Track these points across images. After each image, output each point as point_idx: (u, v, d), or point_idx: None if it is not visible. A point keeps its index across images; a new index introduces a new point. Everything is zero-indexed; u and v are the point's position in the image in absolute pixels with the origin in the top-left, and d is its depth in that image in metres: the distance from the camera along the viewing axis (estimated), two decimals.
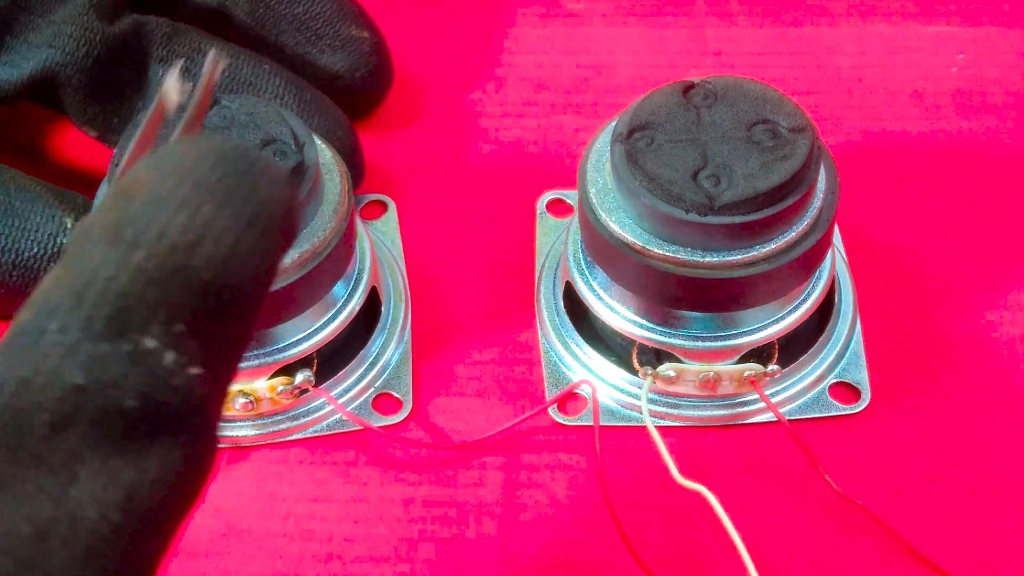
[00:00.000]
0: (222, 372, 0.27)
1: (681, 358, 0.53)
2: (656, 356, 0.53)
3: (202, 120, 0.36)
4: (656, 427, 0.51)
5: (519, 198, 0.62)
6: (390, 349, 0.56)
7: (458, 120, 0.65)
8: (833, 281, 0.56)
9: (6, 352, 0.26)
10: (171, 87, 0.35)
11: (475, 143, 0.65)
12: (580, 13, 0.69)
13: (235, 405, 0.53)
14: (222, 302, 0.26)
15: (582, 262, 0.55)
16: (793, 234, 0.50)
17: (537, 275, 0.59)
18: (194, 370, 0.26)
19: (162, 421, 0.26)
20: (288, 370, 0.53)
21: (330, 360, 0.55)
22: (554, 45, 0.68)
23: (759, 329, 0.52)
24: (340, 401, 0.54)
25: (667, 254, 0.49)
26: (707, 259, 0.49)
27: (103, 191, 0.31)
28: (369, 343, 0.56)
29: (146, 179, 0.27)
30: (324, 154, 0.52)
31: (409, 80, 0.67)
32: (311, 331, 0.53)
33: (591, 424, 0.53)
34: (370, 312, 0.56)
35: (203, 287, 0.26)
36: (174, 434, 0.26)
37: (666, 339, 0.52)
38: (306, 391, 0.54)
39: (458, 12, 0.70)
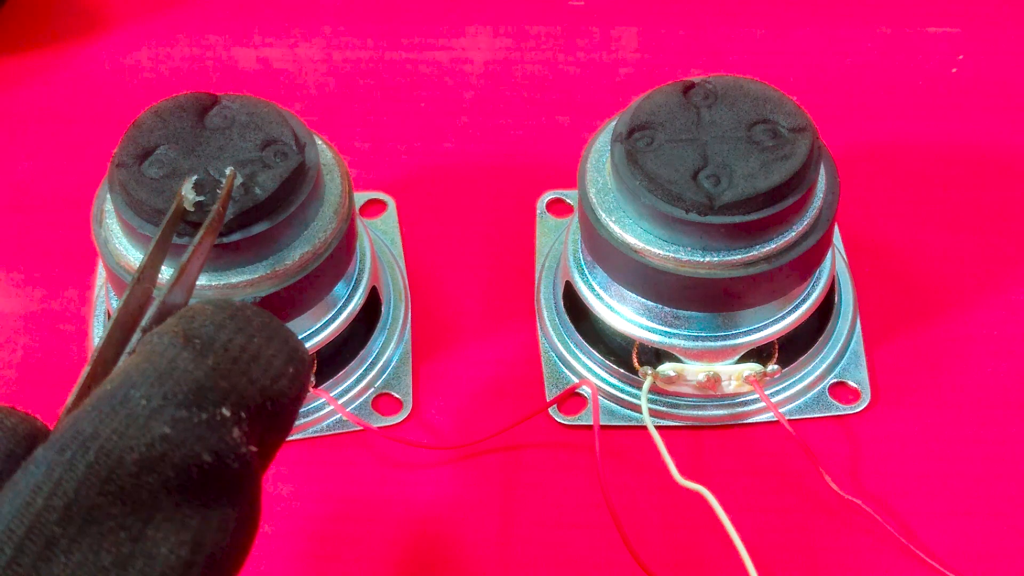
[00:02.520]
0: (267, 457, 0.33)
1: (681, 358, 0.53)
2: (656, 356, 0.53)
3: (221, 224, 0.45)
4: (656, 427, 0.51)
5: (519, 198, 0.62)
6: (390, 349, 0.56)
7: (458, 120, 0.65)
8: (833, 281, 0.56)
9: (95, 410, 0.30)
10: (188, 193, 0.45)
11: (475, 143, 0.65)
12: (581, 11, 0.69)
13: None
14: (272, 405, 0.32)
15: (582, 262, 0.55)
16: (793, 234, 0.50)
17: (537, 275, 0.59)
18: (252, 447, 0.31)
19: (225, 482, 0.31)
20: None
21: (330, 360, 0.55)
22: (554, 44, 0.68)
23: (759, 329, 0.52)
24: (340, 401, 0.54)
25: (667, 254, 0.49)
26: (707, 259, 0.49)
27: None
28: (369, 343, 0.56)
29: (203, 310, 0.33)
30: (325, 154, 0.52)
31: (409, 79, 0.67)
32: (311, 332, 0.53)
33: (591, 424, 0.53)
34: (370, 312, 0.56)
35: (260, 391, 0.32)
36: (232, 495, 0.31)
37: (666, 339, 0.52)
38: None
39: (458, 12, 0.70)
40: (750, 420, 0.55)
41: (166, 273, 0.46)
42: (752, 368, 0.53)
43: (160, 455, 0.29)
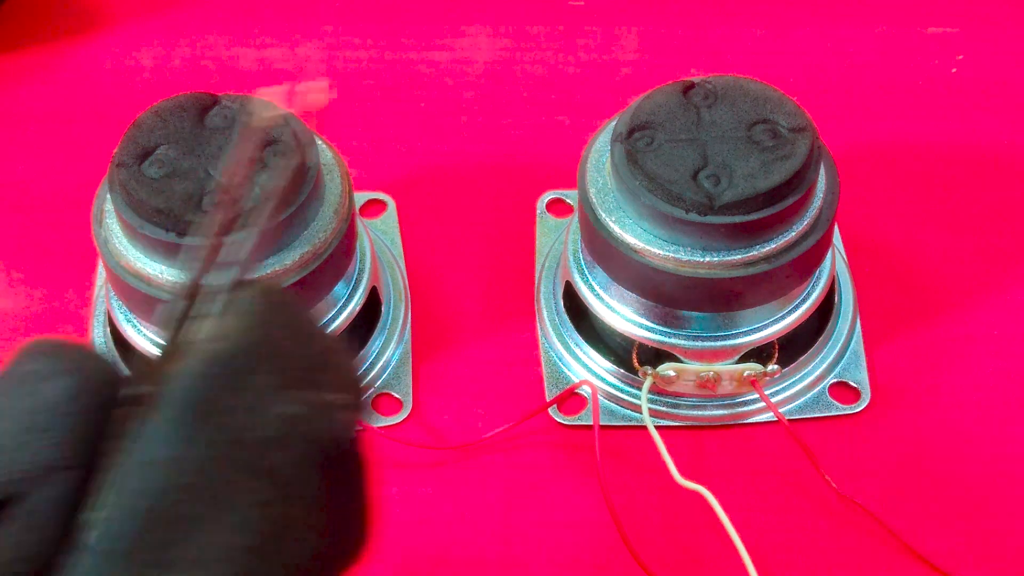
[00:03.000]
0: None
1: (681, 358, 0.53)
2: (656, 356, 0.53)
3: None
4: (656, 427, 0.51)
5: (519, 198, 0.62)
6: (390, 349, 0.56)
7: (458, 120, 0.65)
8: (833, 281, 0.56)
9: (218, 379, 0.28)
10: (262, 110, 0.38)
11: (475, 143, 0.65)
12: (581, 11, 0.69)
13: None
14: (360, 398, 0.33)
15: (582, 262, 0.54)
16: (793, 234, 0.50)
17: (537, 275, 0.59)
18: (353, 430, 0.31)
19: (349, 463, 0.30)
20: None
21: None
22: (554, 44, 0.68)
23: (759, 329, 0.52)
24: None
25: (667, 254, 0.49)
26: (707, 259, 0.49)
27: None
28: (369, 343, 0.56)
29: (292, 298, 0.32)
30: (325, 154, 0.52)
31: (409, 79, 0.67)
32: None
33: (591, 424, 0.53)
34: (370, 312, 0.56)
35: (353, 384, 0.32)
36: (357, 476, 0.30)
37: (666, 339, 0.52)
38: None
39: (458, 12, 0.69)
40: (750, 420, 0.55)
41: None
42: (752, 368, 0.53)
43: (291, 432, 0.28)
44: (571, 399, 0.55)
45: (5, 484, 0.27)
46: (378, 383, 0.56)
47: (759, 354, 0.53)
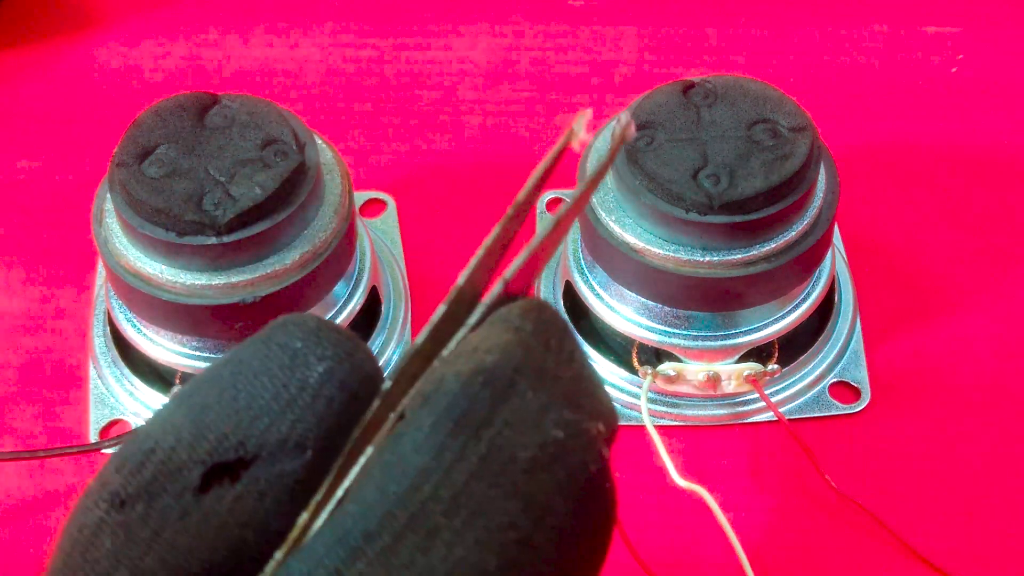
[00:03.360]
0: None
1: (681, 357, 0.53)
2: (656, 355, 0.53)
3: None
4: (656, 426, 0.51)
5: None
6: (390, 349, 0.56)
7: (458, 120, 0.65)
8: (833, 281, 0.56)
9: (482, 387, 0.27)
10: (579, 129, 0.34)
11: (475, 143, 0.65)
12: (581, 11, 0.69)
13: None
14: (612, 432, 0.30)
15: (582, 262, 0.54)
16: (793, 233, 0.50)
17: (537, 275, 0.59)
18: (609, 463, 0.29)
19: (601, 502, 0.28)
20: None
21: None
22: (554, 44, 0.68)
23: (759, 328, 0.52)
24: None
25: (667, 253, 0.49)
26: (707, 258, 0.49)
27: None
28: (369, 343, 0.56)
29: (554, 315, 0.30)
30: (324, 154, 0.52)
31: (409, 79, 0.67)
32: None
33: None
34: (370, 312, 0.56)
35: (608, 413, 0.29)
36: (607, 515, 0.29)
37: (666, 338, 0.52)
38: None
39: (458, 12, 0.70)
40: (750, 420, 0.55)
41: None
42: (752, 368, 0.53)
43: (552, 457, 0.27)
44: None
45: (257, 446, 0.27)
46: None
47: (759, 354, 0.53)
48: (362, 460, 0.27)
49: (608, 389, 0.55)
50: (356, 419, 0.28)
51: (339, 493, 0.27)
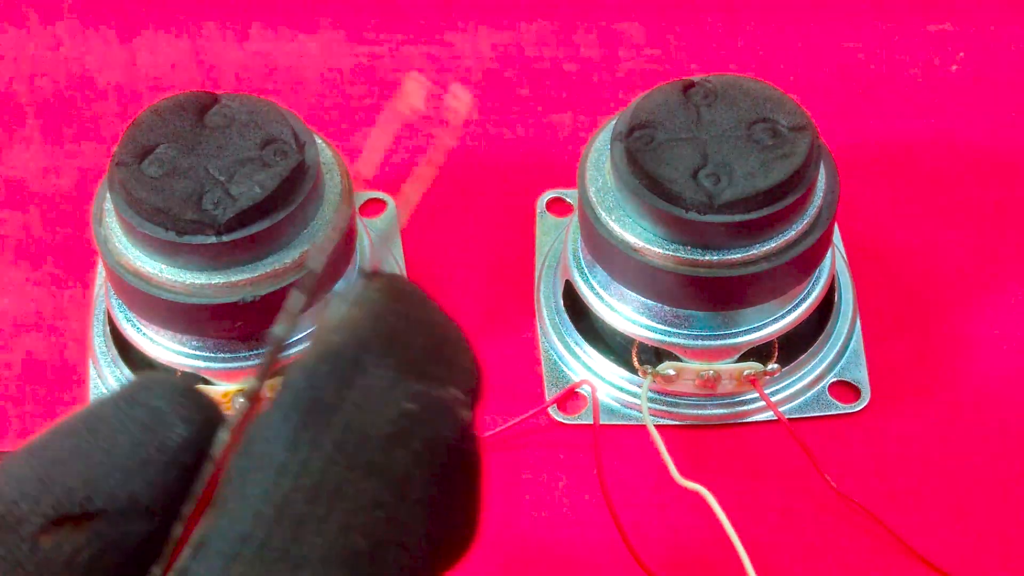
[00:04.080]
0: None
1: (681, 357, 0.53)
2: (656, 355, 0.53)
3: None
4: (656, 426, 0.51)
5: (519, 197, 0.62)
6: None
7: (458, 118, 0.65)
8: (833, 280, 0.56)
9: (329, 373, 0.27)
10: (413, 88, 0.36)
11: (475, 142, 0.64)
12: (581, 9, 0.69)
13: (235, 405, 0.53)
14: (478, 390, 0.30)
15: (582, 261, 0.54)
16: (793, 233, 0.50)
17: (537, 274, 0.59)
18: (473, 428, 0.29)
19: (466, 466, 0.28)
20: (288, 370, 0.53)
21: None
22: (554, 43, 0.68)
23: (759, 328, 0.52)
24: None
25: (667, 253, 0.49)
26: (707, 258, 0.49)
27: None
28: None
29: (404, 282, 0.30)
30: (324, 153, 0.52)
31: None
32: (311, 331, 0.53)
33: (591, 423, 0.53)
34: None
35: (470, 374, 0.29)
36: (473, 479, 0.29)
37: (666, 338, 0.52)
38: None
39: (457, 10, 0.69)
40: (750, 419, 0.55)
41: None
42: (752, 367, 0.53)
43: (407, 432, 0.27)
44: (571, 398, 0.55)
45: (105, 502, 0.27)
46: None
47: (759, 353, 0.53)
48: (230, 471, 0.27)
49: (608, 389, 0.55)
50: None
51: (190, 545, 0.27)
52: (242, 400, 0.29)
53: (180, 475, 0.27)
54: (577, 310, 0.56)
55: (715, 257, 0.49)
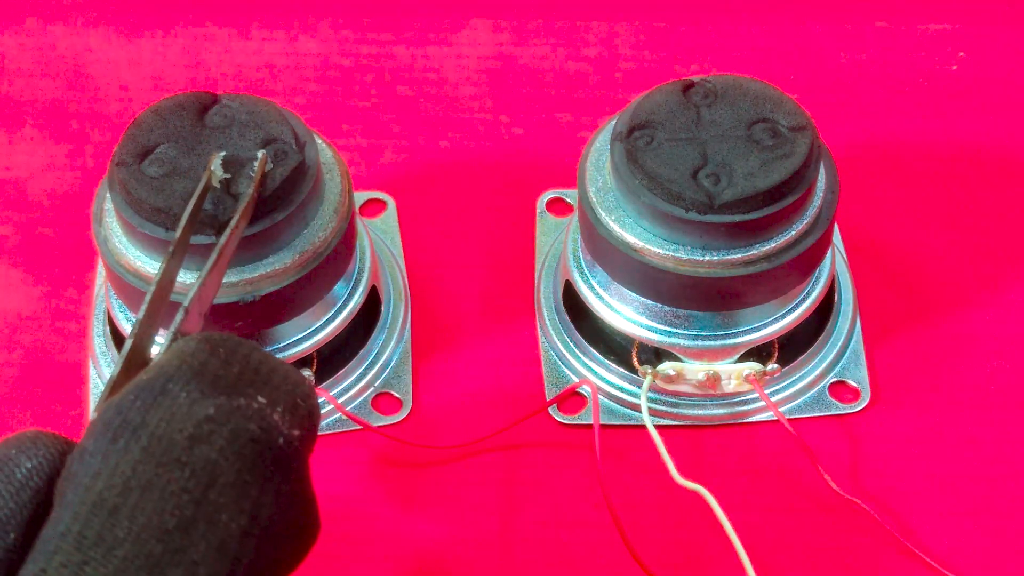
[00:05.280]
0: (308, 448, 0.35)
1: (681, 357, 0.53)
2: (656, 355, 0.53)
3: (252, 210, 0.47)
4: (656, 426, 0.51)
5: (519, 197, 0.62)
6: (390, 348, 0.56)
7: (458, 118, 0.65)
8: (833, 280, 0.56)
9: (138, 399, 0.32)
10: (217, 169, 0.46)
11: (475, 142, 0.65)
12: (581, 9, 0.69)
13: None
14: (304, 404, 0.35)
15: (582, 261, 0.54)
16: (793, 233, 0.50)
17: (537, 274, 0.59)
18: (295, 431, 0.34)
19: (275, 459, 0.33)
20: None
21: (330, 359, 0.55)
22: (554, 42, 0.68)
23: (759, 328, 0.52)
24: (340, 400, 0.54)
25: (667, 253, 0.49)
26: (707, 258, 0.49)
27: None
28: (369, 342, 0.56)
29: (219, 334, 0.35)
30: (324, 153, 0.52)
31: (409, 78, 0.67)
32: (311, 331, 0.53)
33: (591, 423, 0.53)
34: (370, 311, 0.56)
35: (287, 393, 0.34)
36: (284, 472, 0.33)
37: (666, 338, 0.52)
38: None
39: (457, 9, 0.69)
40: (750, 419, 0.55)
41: (186, 276, 0.47)
42: (752, 367, 0.53)
43: (209, 432, 0.32)
44: (571, 398, 0.55)
45: None
46: (378, 382, 0.56)
47: (759, 353, 0.53)
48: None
49: (608, 388, 0.55)
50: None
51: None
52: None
53: (31, 498, 0.32)
54: (577, 310, 0.56)
55: (715, 257, 0.49)
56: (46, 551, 0.30)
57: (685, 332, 0.52)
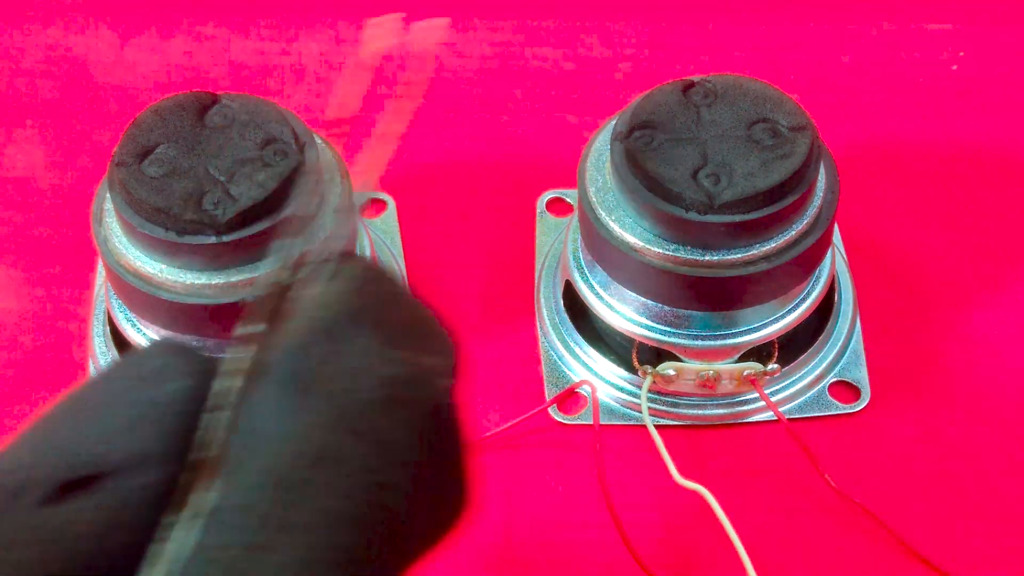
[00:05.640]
0: None
1: (681, 357, 0.53)
2: (656, 355, 0.53)
3: None
4: (656, 426, 0.51)
5: (519, 197, 0.62)
6: None
7: (458, 118, 0.65)
8: (833, 280, 0.56)
9: (319, 344, 0.28)
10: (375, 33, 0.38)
11: (475, 142, 0.64)
12: (581, 9, 0.69)
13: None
14: (455, 372, 0.31)
15: (582, 261, 0.54)
16: (793, 233, 0.50)
17: (537, 274, 0.59)
18: (453, 400, 0.30)
19: (451, 434, 0.30)
20: None
21: None
22: (554, 42, 0.68)
23: (759, 328, 0.52)
24: None
25: (667, 253, 0.49)
26: (707, 258, 0.49)
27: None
28: None
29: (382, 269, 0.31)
30: (324, 153, 0.52)
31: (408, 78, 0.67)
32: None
33: (591, 423, 0.53)
34: None
35: (449, 355, 0.31)
36: (458, 447, 0.30)
37: (666, 338, 0.52)
38: None
39: (457, 9, 0.69)
40: (750, 419, 0.55)
41: None
42: (752, 367, 0.53)
43: (392, 396, 0.28)
44: (571, 398, 0.55)
45: (103, 460, 0.27)
46: None
47: (759, 353, 0.53)
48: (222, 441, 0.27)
49: (608, 389, 0.55)
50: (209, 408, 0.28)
51: (198, 493, 0.27)
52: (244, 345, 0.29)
53: (181, 426, 0.28)
54: (577, 310, 0.56)
55: (715, 257, 0.49)
56: (220, 522, 0.26)
57: (685, 332, 0.52)
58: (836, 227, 0.56)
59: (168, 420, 0.28)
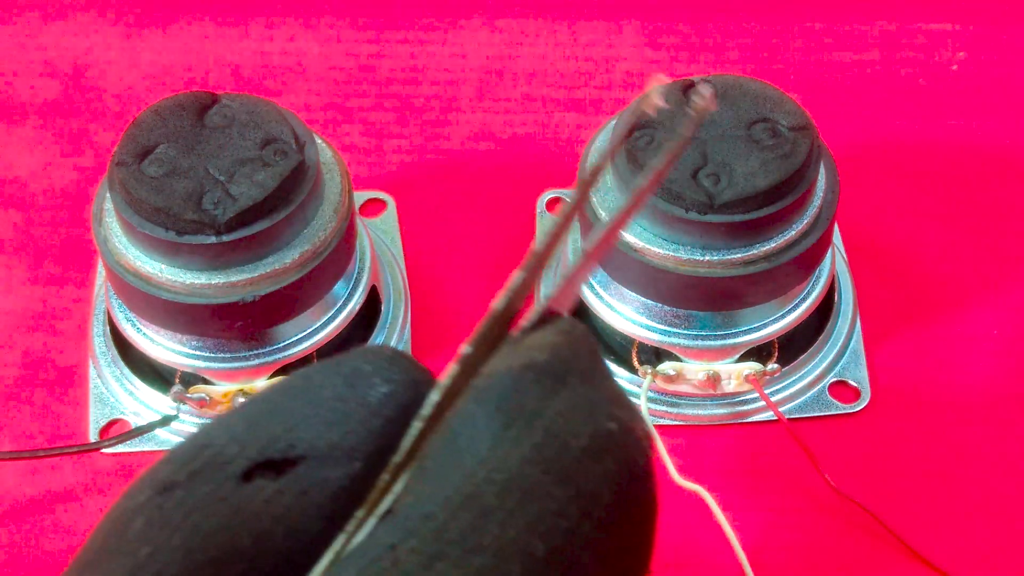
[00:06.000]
0: None
1: (681, 357, 0.53)
2: (656, 355, 0.53)
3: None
4: (656, 426, 0.51)
5: (519, 196, 0.62)
6: None
7: (458, 118, 0.65)
8: (833, 280, 0.56)
9: (534, 382, 0.28)
10: (655, 95, 0.33)
11: (475, 141, 0.64)
12: (581, 9, 0.69)
13: (235, 405, 0.52)
14: None
15: None
16: (793, 233, 0.50)
17: None
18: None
19: (644, 495, 0.29)
20: (288, 369, 0.53)
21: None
22: (554, 40, 0.68)
23: (759, 328, 0.52)
24: None
25: (667, 253, 0.49)
26: (707, 258, 0.49)
27: None
28: (369, 342, 0.56)
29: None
30: (324, 153, 0.52)
31: (409, 77, 0.67)
32: (311, 330, 0.53)
33: None
34: (370, 311, 0.56)
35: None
36: (650, 511, 0.29)
37: (666, 338, 0.52)
38: None
39: (457, 9, 0.69)
40: (750, 419, 0.55)
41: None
42: (752, 367, 0.53)
43: (603, 448, 0.27)
44: None
45: (309, 446, 0.28)
46: None
47: (759, 353, 0.53)
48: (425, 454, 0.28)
49: None
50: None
51: (392, 496, 0.27)
52: (457, 368, 0.29)
53: (382, 428, 0.28)
54: (577, 310, 0.56)
55: (715, 257, 0.49)
56: (403, 526, 0.26)
57: (685, 332, 0.52)
58: (836, 227, 0.56)
59: (374, 420, 0.28)
